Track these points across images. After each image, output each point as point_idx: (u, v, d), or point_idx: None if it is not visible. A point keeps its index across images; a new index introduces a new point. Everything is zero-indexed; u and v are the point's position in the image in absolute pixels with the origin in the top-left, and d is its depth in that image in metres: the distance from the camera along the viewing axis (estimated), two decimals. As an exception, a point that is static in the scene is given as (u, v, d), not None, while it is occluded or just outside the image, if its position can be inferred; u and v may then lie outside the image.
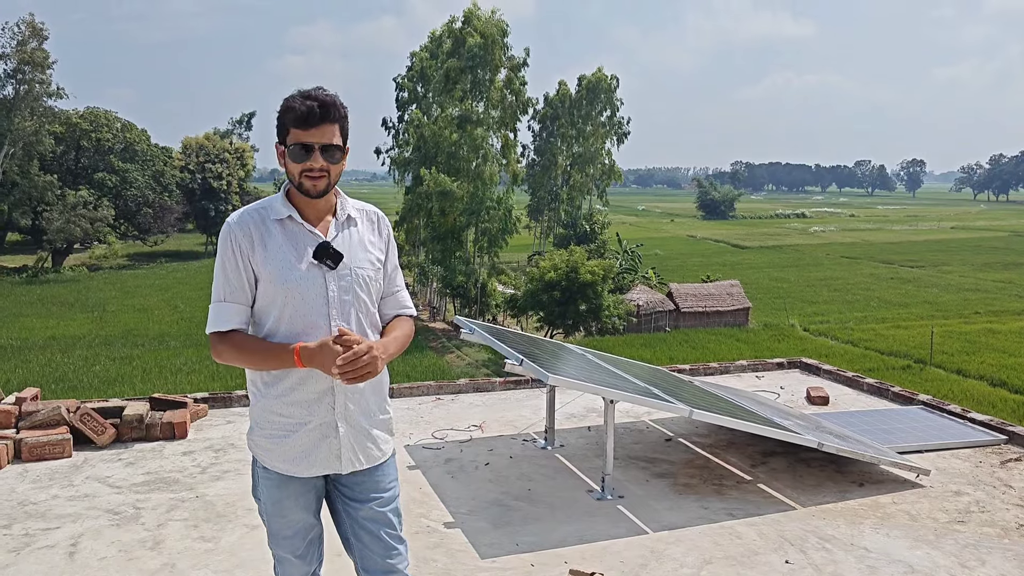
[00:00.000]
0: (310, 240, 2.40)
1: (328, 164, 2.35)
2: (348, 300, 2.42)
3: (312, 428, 2.42)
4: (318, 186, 2.36)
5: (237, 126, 67.78)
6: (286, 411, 2.42)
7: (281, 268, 2.37)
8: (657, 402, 4.57)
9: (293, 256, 2.38)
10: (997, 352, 27.10)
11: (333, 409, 2.43)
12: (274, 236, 2.39)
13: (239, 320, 2.41)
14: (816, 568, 3.82)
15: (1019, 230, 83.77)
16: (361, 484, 2.54)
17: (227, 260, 2.40)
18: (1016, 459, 5.36)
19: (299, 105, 2.31)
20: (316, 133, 2.32)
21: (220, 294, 2.41)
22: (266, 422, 2.45)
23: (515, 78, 40.43)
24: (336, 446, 2.45)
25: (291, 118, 2.32)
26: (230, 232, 2.40)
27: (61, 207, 45.53)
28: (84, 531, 4.15)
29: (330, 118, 2.33)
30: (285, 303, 2.38)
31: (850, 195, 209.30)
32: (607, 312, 30.05)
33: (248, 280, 2.40)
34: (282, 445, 2.44)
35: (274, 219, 2.41)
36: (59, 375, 23.08)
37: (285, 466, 2.46)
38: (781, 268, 53.08)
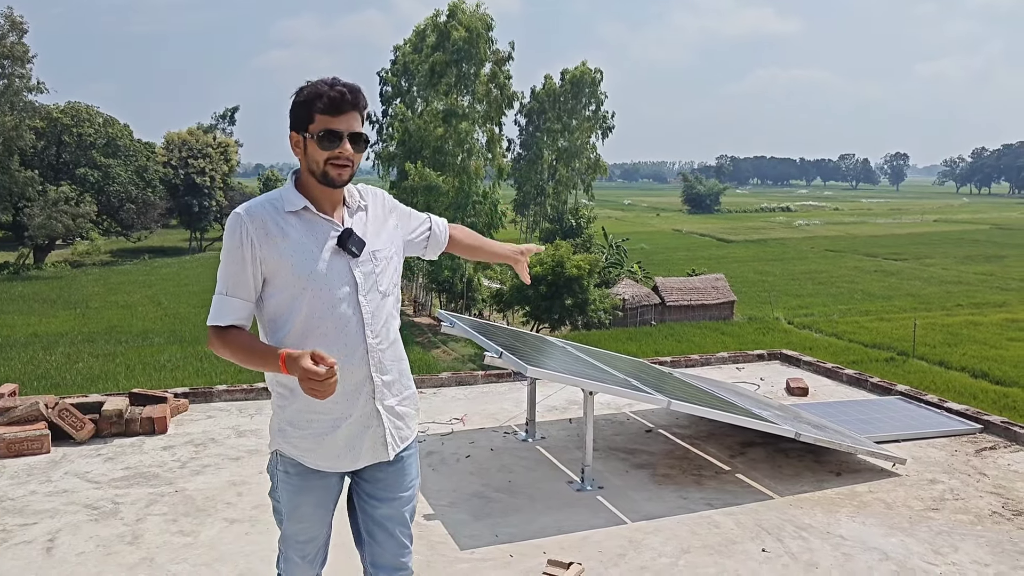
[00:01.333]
0: (330, 230, 2.35)
1: (354, 153, 2.32)
2: (373, 285, 2.39)
3: (355, 420, 2.40)
4: (343, 175, 2.32)
5: (221, 121, 67.34)
6: (326, 408, 2.36)
7: (304, 260, 2.30)
8: (636, 393, 4.60)
9: (315, 247, 2.32)
10: (978, 344, 27.37)
11: (373, 397, 2.41)
12: (292, 227, 2.32)
13: (238, 316, 2.34)
14: (792, 556, 3.86)
15: (1001, 223, 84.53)
16: (384, 480, 2.53)
17: (234, 252, 2.32)
18: (991, 448, 5.43)
19: (328, 91, 2.27)
20: (344, 120, 2.28)
21: (223, 287, 2.34)
22: (304, 422, 2.40)
23: (500, 72, 40.37)
24: (380, 433, 2.45)
25: (320, 104, 2.27)
26: (240, 223, 2.30)
27: (42, 203, 45.15)
28: (62, 527, 4.14)
29: (358, 106, 2.32)
30: (309, 295, 2.31)
31: (834, 189, 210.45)
32: (593, 306, 30.11)
33: (255, 275, 2.33)
34: (324, 443, 2.40)
35: (288, 210, 2.34)
36: (41, 372, 22.91)
37: (329, 463, 2.43)
38: (766, 261, 53.35)
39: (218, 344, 2.35)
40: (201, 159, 56.75)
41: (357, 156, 2.34)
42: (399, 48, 43.12)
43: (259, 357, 2.28)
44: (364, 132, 2.35)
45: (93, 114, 52.35)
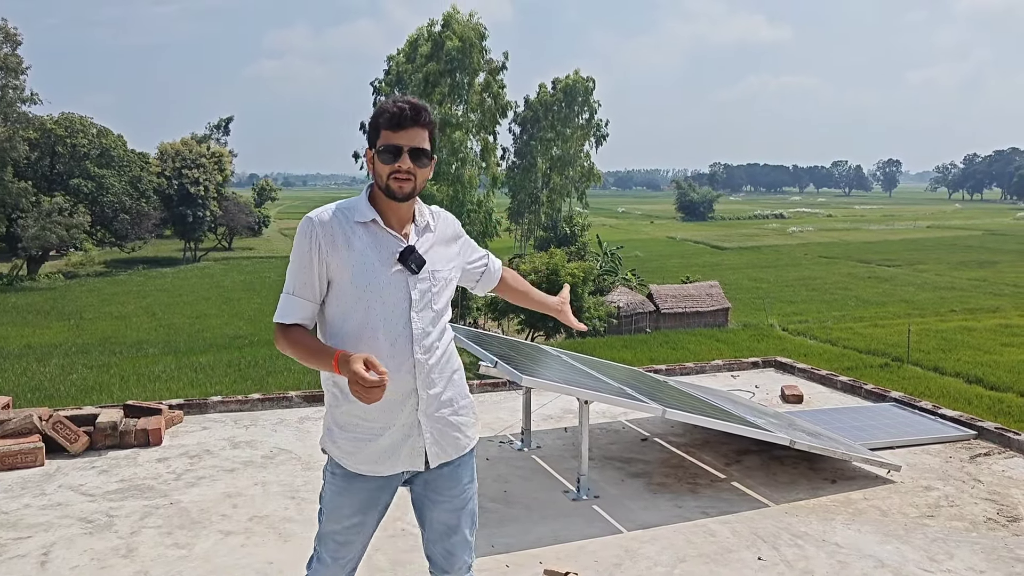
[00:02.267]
0: (394, 245, 2.43)
1: (415, 167, 2.39)
2: (427, 302, 2.46)
3: (396, 429, 2.47)
4: (404, 188, 2.39)
5: (215, 131, 67.35)
6: (370, 415, 2.45)
7: (365, 271, 2.39)
8: (631, 402, 4.60)
9: (377, 260, 2.40)
10: (972, 349, 27.44)
11: (416, 409, 2.47)
12: (359, 238, 2.41)
13: (302, 315, 2.45)
14: (788, 564, 3.86)
15: (993, 229, 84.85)
16: (434, 483, 2.59)
17: (303, 255, 2.42)
18: (985, 454, 5.44)
19: (391, 107, 2.37)
20: (406, 136, 2.36)
21: (290, 287, 2.46)
22: (350, 425, 2.49)
23: (494, 81, 40.49)
24: (419, 444, 2.49)
25: (383, 120, 2.37)
26: (311, 228, 2.41)
27: (36, 214, 45.03)
28: (56, 540, 4.12)
29: (420, 122, 2.38)
30: (364, 305, 2.40)
31: (827, 195, 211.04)
32: (588, 314, 30.12)
33: (320, 278, 2.43)
34: (366, 449, 2.48)
35: (357, 221, 2.43)
36: (35, 384, 22.83)
37: (368, 467, 2.50)
38: (760, 268, 53.46)
39: (282, 341, 2.45)
40: (195, 169, 56.70)
41: (420, 171, 2.41)
42: (392, 58, 43.21)
43: (316, 356, 2.37)
44: (426, 148, 2.40)
45: (87, 125, 52.25)
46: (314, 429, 6.07)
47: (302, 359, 2.42)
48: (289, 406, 6.66)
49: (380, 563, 3.84)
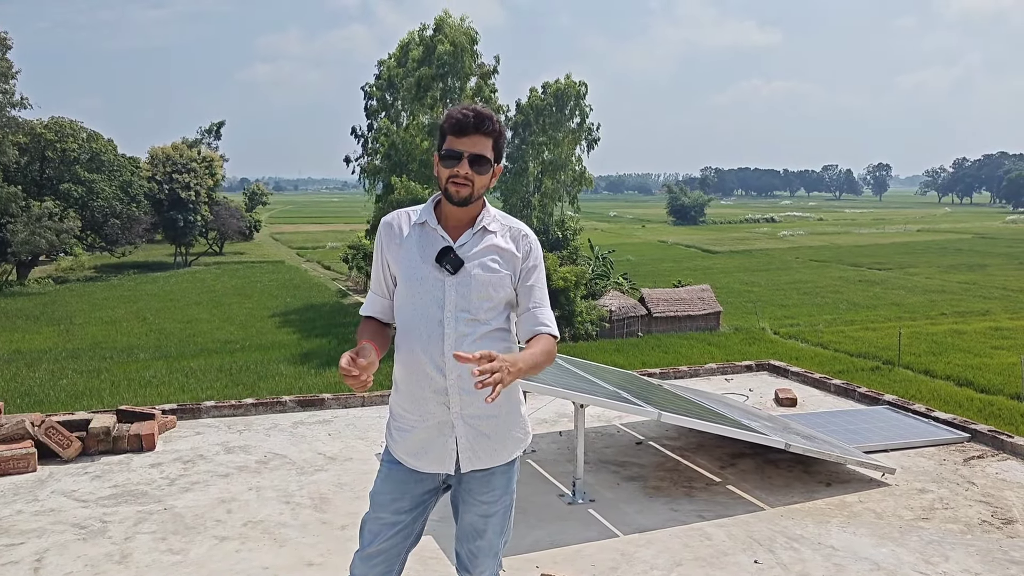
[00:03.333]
0: (439, 244, 2.50)
1: (473, 173, 2.43)
2: (464, 305, 2.47)
3: (430, 426, 2.52)
4: (461, 192, 2.45)
5: (206, 135, 67.10)
6: (409, 407, 2.54)
7: (408, 268, 2.50)
8: (626, 406, 4.60)
9: (420, 258, 2.50)
10: (963, 352, 27.53)
11: (448, 408, 2.49)
12: (412, 238, 2.53)
13: (375, 309, 2.63)
14: (784, 567, 3.86)
15: (983, 232, 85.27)
16: (469, 483, 2.61)
17: (375, 253, 2.62)
18: (979, 456, 5.46)
19: (456, 114, 2.44)
20: (467, 142, 2.42)
21: (371, 284, 2.66)
22: (397, 415, 2.60)
23: (485, 86, 40.51)
24: (452, 445, 2.52)
25: (448, 125, 2.45)
26: (380, 230, 2.61)
27: (26, 219, 44.77)
28: (49, 546, 4.09)
29: (483, 130, 2.43)
30: (411, 303, 2.50)
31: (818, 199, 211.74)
32: (580, 318, 30.15)
33: (385, 274, 2.60)
34: (406, 438, 2.56)
35: (416, 222, 2.55)
36: (24, 389, 22.67)
37: (408, 459, 2.57)
38: (751, 272, 53.55)
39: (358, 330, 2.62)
40: (186, 174, 56.47)
41: (478, 177, 2.45)
42: (384, 62, 43.16)
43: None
44: (487, 155, 2.45)
45: (77, 129, 51.97)
46: (308, 434, 6.05)
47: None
48: (283, 411, 6.64)
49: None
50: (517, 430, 2.64)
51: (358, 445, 5.79)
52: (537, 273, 2.63)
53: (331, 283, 47.56)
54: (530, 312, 2.60)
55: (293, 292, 43.05)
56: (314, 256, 63.81)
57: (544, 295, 2.64)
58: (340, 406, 6.79)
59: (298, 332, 31.68)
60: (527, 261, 2.60)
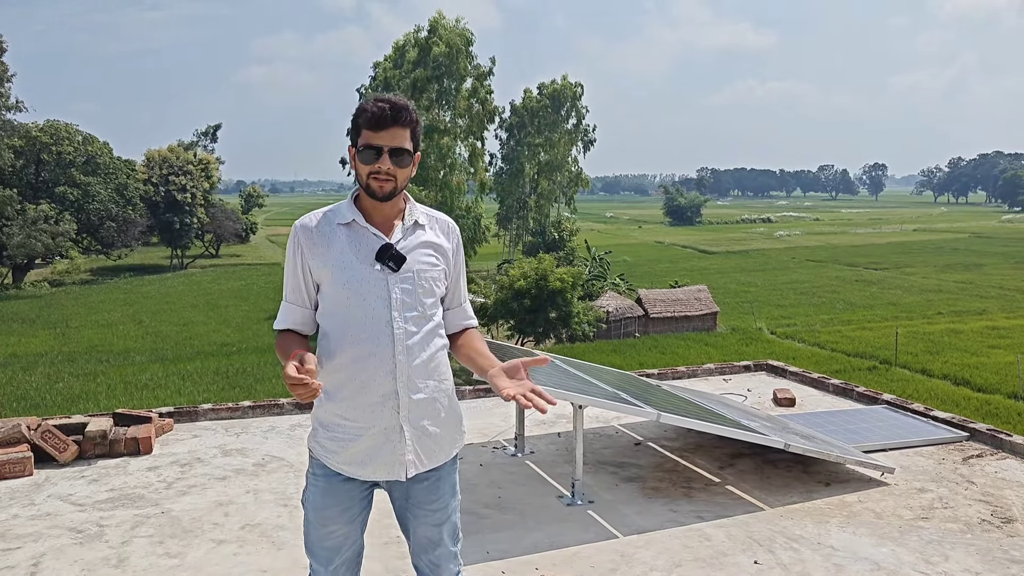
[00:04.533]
0: (374, 243, 2.41)
1: (395, 167, 2.36)
2: (410, 303, 2.41)
3: (376, 432, 2.42)
4: (384, 188, 2.37)
5: (202, 138, 67.06)
6: (351, 414, 2.42)
7: (343, 270, 2.38)
8: (625, 406, 4.59)
9: (355, 258, 2.39)
10: (959, 352, 27.57)
11: (397, 412, 2.41)
12: (338, 239, 2.41)
13: (293, 320, 2.49)
14: (784, 568, 3.85)
15: (979, 232, 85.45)
16: (415, 497, 2.53)
17: (289, 260, 2.47)
18: (978, 455, 5.46)
19: (371, 107, 2.35)
20: (386, 135, 2.34)
21: (285, 293, 2.51)
22: (332, 424, 2.46)
23: (481, 87, 40.53)
24: (400, 450, 2.43)
25: (364, 119, 2.35)
26: (295, 234, 2.46)
27: (21, 222, 44.68)
28: (46, 551, 4.07)
29: (401, 121, 2.35)
30: (347, 306, 2.38)
31: (814, 199, 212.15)
32: (577, 319, 30.11)
33: (306, 282, 2.45)
34: (347, 448, 2.44)
35: (339, 223, 2.43)
36: (20, 393, 22.61)
37: (350, 468, 2.46)
38: (748, 272, 53.61)
39: (276, 346, 2.49)
40: (182, 176, 56.43)
41: (400, 171, 2.38)
42: (379, 64, 43.17)
43: (286, 358, 2.34)
44: (407, 148, 2.37)
45: (72, 132, 51.89)
46: (306, 436, 6.03)
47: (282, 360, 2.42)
48: (280, 413, 6.62)
49: (375, 570, 3.81)
50: (456, 428, 2.58)
51: (356, 447, 5.76)
52: (463, 267, 2.63)
53: (328, 285, 47.44)
54: (459, 308, 2.63)
55: (290, 294, 42.93)
56: (310, 258, 63.63)
57: (466, 289, 2.67)
58: (337, 408, 6.76)
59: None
60: (457, 255, 2.58)
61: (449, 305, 2.60)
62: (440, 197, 37.01)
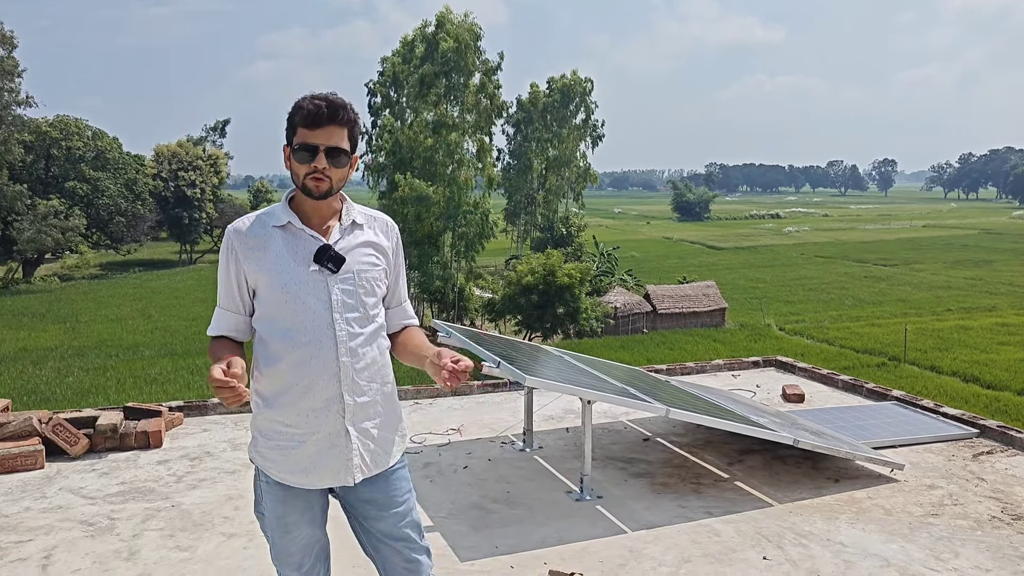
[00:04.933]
0: (311, 244, 2.36)
1: (331, 167, 2.31)
2: (351, 304, 2.37)
3: (321, 437, 2.37)
4: (320, 187, 2.32)
5: (211, 133, 67.22)
6: (293, 420, 2.36)
7: (280, 273, 2.33)
8: (634, 402, 4.59)
9: (292, 261, 2.34)
10: (969, 348, 27.47)
11: (343, 416, 2.37)
12: (274, 242, 2.36)
13: (228, 327, 2.43)
14: (793, 564, 3.85)
15: (989, 228, 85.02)
16: (373, 500, 2.48)
17: (223, 266, 2.41)
18: (988, 452, 5.44)
19: (307, 104, 2.29)
20: (322, 134, 2.29)
21: (219, 299, 2.44)
22: (273, 432, 2.39)
23: (489, 82, 40.48)
24: (346, 455, 2.39)
25: (299, 117, 2.30)
26: (228, 238, 2.39)
27: (31, 217, 44.89)
28: (57, 543, 4.10)
29: (338, 120, 2.30)
30: (286, 309, 2.33)
31: (823, 195, 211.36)
32: (585, 315, 30.13)
33: (241, 287, 2.39)
34: (290, 456, 2.38)
35: (274, 225, 2.38)
36: (31, 387, 22.75)
37: (293, 478, 2.40)
38: (756, 268, 53.49)
39: (209, 351, 2.41)
40: (191, 171, 56.61)
41: (335, 171, 2.32)
42: (387, 59, 43.13)
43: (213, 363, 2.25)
44: (344, 147, 2.32)
45: (82, 127, 52.11)
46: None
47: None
48: (289, 408, 6.63)
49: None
50: (397, 432, 2.53)
51: (365, 442, 5.78)
52: (402, 266, 2.60)
53: (336, 280, 47.55)
54: (401, 307, 2.60)
55: (298, 289, 43.05)
56: (319, 253, 63.80)
57: (406, 287, 2.64)
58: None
59: (303, 329, 31.70)
60: (397, 255, 2.55)
61: (389, 304, 2.57)
62: (448, 192, 37.02)
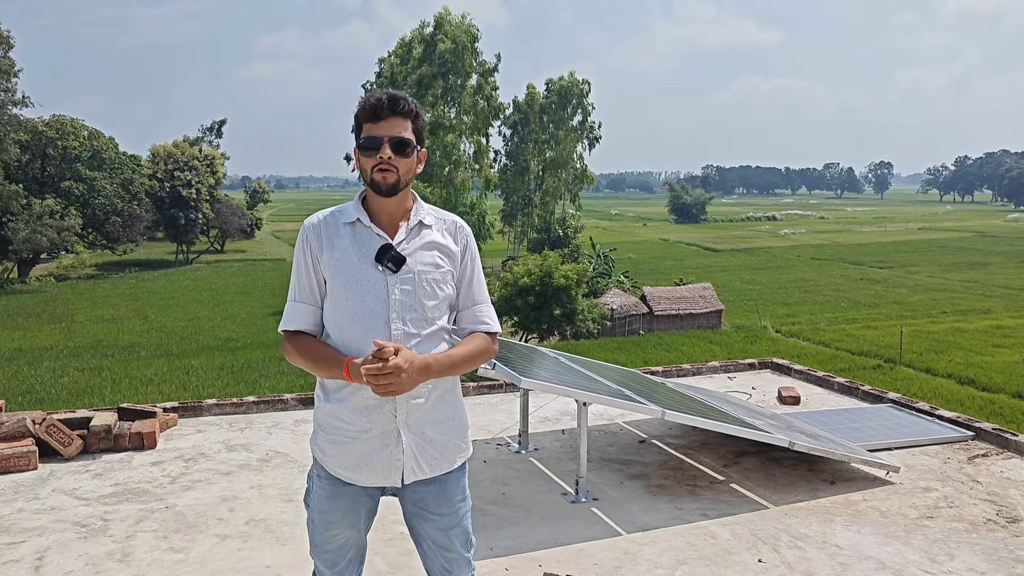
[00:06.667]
0: (376, 242, 2.38)
1: (397, 157, 2.33)
2: (410, 304, 2.36)
3: (373, 436, 2.38)
4: (388, 179, 2.33)
5: (208, 133, 67.08)
6: (348, 417, 2.39)
7: (344, 270, 2.36)
8: (630, 403, 4.58)
9: (356, 258, 2.37)
10: (964, 351, 27.50)
11: (395, 416, 2.37)
12: (342, 238, 2.40)
13: (305, 321, 2.43)
14: (789, 566, 3.84)
15: (984, 230, 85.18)
16: (422, 502, 2.49)
17: (298, 259, 2.44)
18: (983, 455, 5.44)
19: (370, 99, 2.35)
20: (385, 126, 2.32)
21: (292, 293, 2.46)
22: (331, 427, 2.43)
23: (486, 83, 40.51)
24: (397, 456, 2.39)
25: (362, 113, 2.35)
26: (303, 233, 2.44)
27: (27, 217, 44.78)
28: (50, 545, 4.08)
29: (399, 110, 2.33)
30: (348, 306, 2.36)
31: (819, 197, 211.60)
32: (581, 316, 30.11)
33: (316, 281, 2.42)
34: (344, 451, 2.41)
35: (345, 222, 2.42)
36: (26, 387, 22.66)
37: (346, 472, 2.43)
38: (752, 270, 53.52)
39: (288, 349, 2.43)
40: (187, 171, 56.46)
41: (402, 161, 2.34)
42: (385, 60, 43.14)
43: (325, 363, 2.35)
44: (408, 137, 2.34)
45: (78, 127, 51.98)
46: (310, 432, 6.03)
47: (310, 367, 2.38)
48: (284, 408, 6.62)
49: (379, 567, 3.81)
50: (460, 439, 2.52)
51: (360, 443, 5.76)
52: (475, 268, 2.54)
53: (332, 281, 47.50)
54: (470, 310, 2.53)
55: (294, 290, 42.98)
56: (315, 254, 63.67)
57: (483, 290, 2.57)
58: (342, 404, 6.77)
59: (299, 330, 31.66)
60: (465, 256, 2.52)
61: (460, 307, 2.53)
62: (445, 194, 37.01)
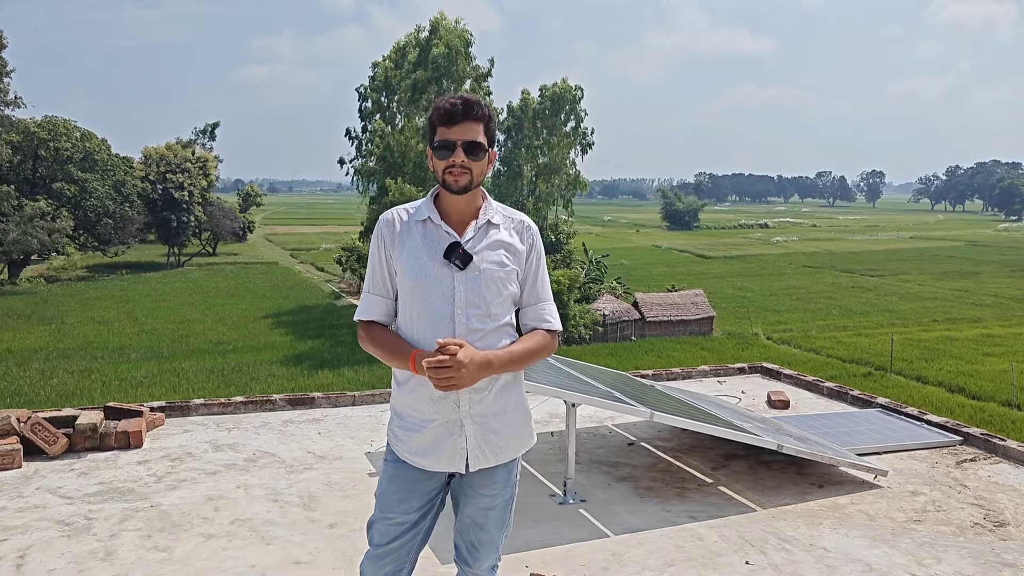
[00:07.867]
0: (445, 240, 2.46)
1: (470, 161, 2.41)
2: (475, 301, 2.45)
3: (438, 425, 2.48)
4: (460, 182, 2.42)
5: (201, 136, 66.90)
6: (417, 406, 2.50)
7: (414, 265, 2.45)
8: (619, 405, 4.57)
9: (426, 255, 2.46)
10: (955, 359, 27.57)
11: (458, 407, 2.46)
12: (413, 235, 2.49)
13: (379, 312, 2.54)
14: (776, 568, 3.83)
15: (975, 240, 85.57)
16: (472, 482, 2.59)
17: (373, 252, 2.55)
18: (971, 459, 5.44)
19: (444, 104, 2.43)
20: (459, 130, 2.40)
21: (367, 285, 2.58)
22: (404, 414, 2.54)
23: (480, 88, 40.52)
24: (461, 444, 2.49)
25: (437, 116, 2.43)
26: (378, 229, 2.54)
27: (18, 218, 44.55)
28: (33, 543, 4.04)
29: (473, 115, 2.40)
30: (416, 300, 2.46)
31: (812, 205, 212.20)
32: (573, 322, 30.11)
33: (389, 275, 2.53)
34: (413, 438, 2.51)
35: (417, 219, 2.51)
36: (14, 389, 22.52)
37: (414, 458, 2.53)
38: (744, 277, 53.62)
39: (363, 338, 2.56)
40: (180, 174, 56.30)
41: (474, 164, 2.44)
42: (378, 64, 43.09)
43: (395, 354, 2.46)
44: (480, 141, 2.42)
45: (70, 128, 51.76)
46: (297, 432, 6.00)
47: (382, 356, 2.49)
48: (272, 409, 6.59)
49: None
50: (523, 429, 2.61)
51: (347, 444, 5.74)
52: (540, 266, 2.62)
53: (324, 285, 47.45)
54: (533, 307, 2.61)
55: (286, 293, 42.93)
56: (308, 258, 63.67)
57: (547, 289, 2.64)
58: (330, 405, 6.75)
59: (291, 333, 31.58)
60: (531, 255, 2.61)
61: (523, 304, 2.61)
62: (438, 198, 36.95)
